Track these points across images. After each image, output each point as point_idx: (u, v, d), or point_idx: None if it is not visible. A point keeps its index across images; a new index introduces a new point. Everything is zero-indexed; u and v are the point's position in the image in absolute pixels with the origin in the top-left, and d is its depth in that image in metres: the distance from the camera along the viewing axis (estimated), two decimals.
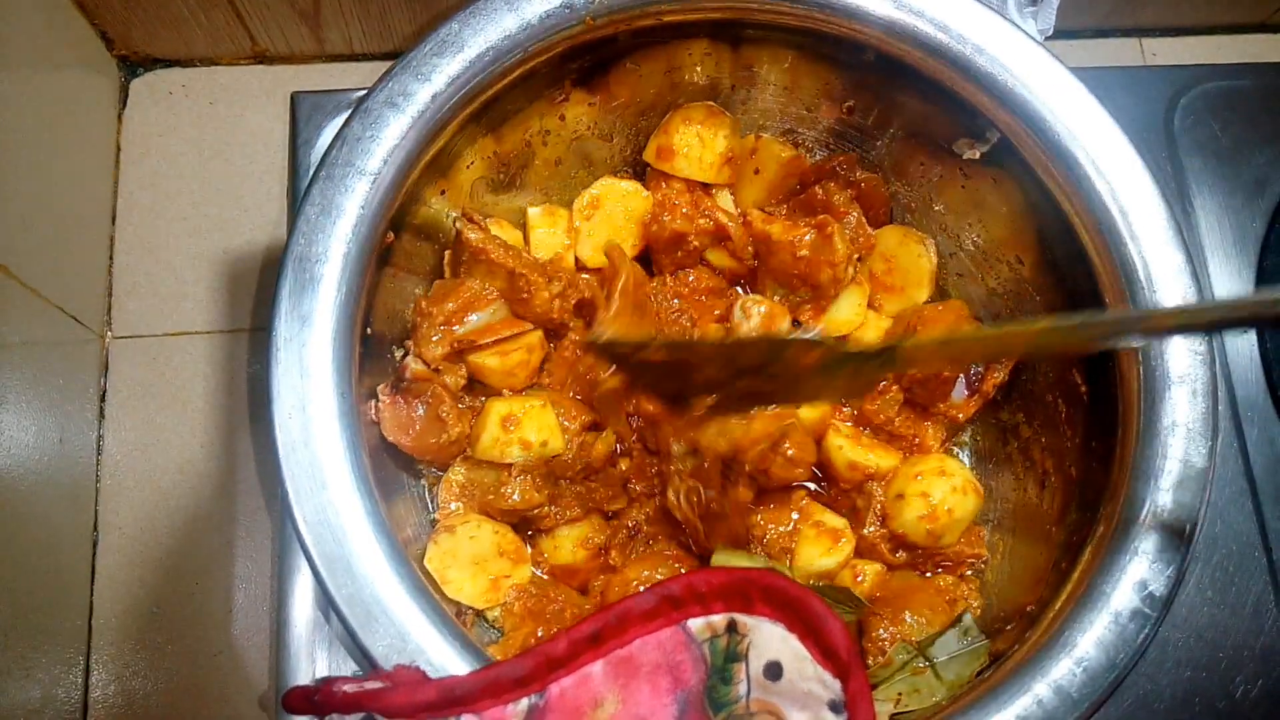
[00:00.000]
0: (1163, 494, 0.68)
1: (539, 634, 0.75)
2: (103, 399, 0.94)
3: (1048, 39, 0.93)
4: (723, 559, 0.78)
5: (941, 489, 0.81)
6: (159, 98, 1.02)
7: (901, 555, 0.83)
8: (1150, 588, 0.66)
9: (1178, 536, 0.67)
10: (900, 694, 0.74)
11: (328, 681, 0.60)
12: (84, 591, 0.88)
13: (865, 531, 0.83)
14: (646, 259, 0.91)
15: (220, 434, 0.93)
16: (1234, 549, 0.88)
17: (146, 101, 1.02)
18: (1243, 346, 0.94)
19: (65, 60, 0.93)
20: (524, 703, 0.58)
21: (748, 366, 0.69)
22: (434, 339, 0.79)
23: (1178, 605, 0.87)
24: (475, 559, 0.77)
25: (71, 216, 0.92)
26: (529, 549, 0.82)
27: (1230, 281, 0.95)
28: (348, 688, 0.60)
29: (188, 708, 0.86)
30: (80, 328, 0.91)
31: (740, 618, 0.57)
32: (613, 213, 0.88)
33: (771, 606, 0.57)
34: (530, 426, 0.78)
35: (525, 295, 0.81)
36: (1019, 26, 0.76)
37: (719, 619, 0.57)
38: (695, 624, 0.57)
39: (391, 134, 0.71)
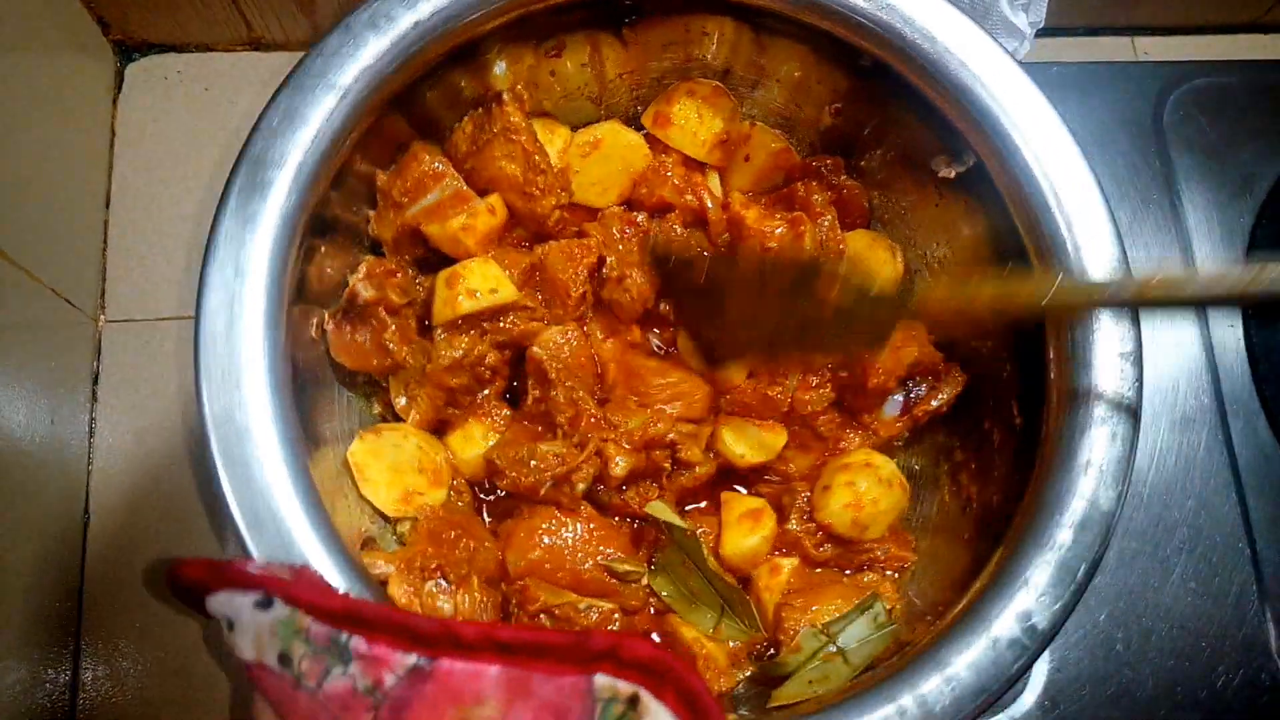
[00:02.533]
0: (1064, 530, 0.67)
1: (427, 552, 0.75)
2: (95, 382, 0.94)
3: (1039, 33, 0.94)
4: (655, 510, 0.80)
5: (867, 480, 0.81)
6: (154, 83, 1.02)
7: (826, 549, 0.83)
8: (1033, 619, 0.65)
9: (1070, 575, 0.66)
10: (812, 682, 0.74)
11: (233, 559, 0.60)
12: (74, 573, 0.88)
13: (790, 526, 0.83)
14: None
15: None
16: (1217, 540, 0.89)
17: (142, 86, 1.02)
18: (1229, 340, 0.95)
19: (61, 44, 0.94)
20: (411, 658, 0.57)
21: (778, 291, 0.72)
22: (389, 218, 0.81)
23: (1162, 595, 0.88)
24: (395, 466, 0.77)
25: (66, 200, 0.92)
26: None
27: None
28: (251, 568, 0.59)
29: (176, 689, 0.87)
30: (73, 311, 0.91)
31: (646, 696, 0.56)
32: (610, 158, 0.88)
33: (680, 702, 0.56)
34: (473, 277, 0.79)
35: (534, 192, 0.82)
36: (1002, 41, 0.77)
37: (625, 687, 0.56)
38: (601, 680, 0.56)
39: (368, 54, 0.71)
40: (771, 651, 0.80)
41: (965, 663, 0.64)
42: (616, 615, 0.77)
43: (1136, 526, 0.90)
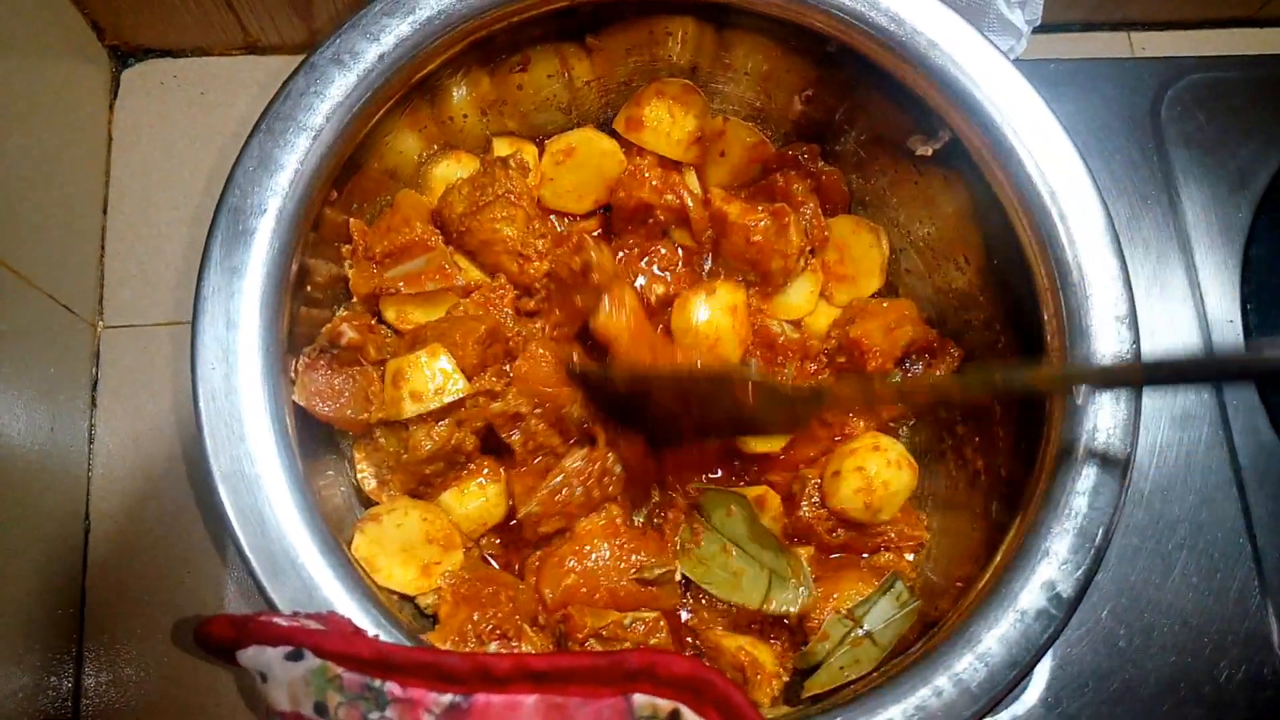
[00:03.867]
0: (1078, 497, 0.68)
1: (474, 618, 0.75)
2: (94, 388, 0.93)
3: (1035, 29, 0.94)
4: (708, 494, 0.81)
5: (876, 463, 0.81)
6: (150, 88, 1.02)
7: (840, 534, 0.83)
8: (1058, 589, 0.67)
9: (1089, 540, 0.68)
10: (843, 668, 0.75)
11: (258, 613, 0.60)
12: (75, 580, 0.88)
13: (801, 513, 0.83)
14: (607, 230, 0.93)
15: None
16: (1219, 536, 0.89)
17: (138, 91, 1.02)
18: (1229, 336, 0.95)
19: (57, 50, 0.93)
20: (447, 697, 0.57)
21: (698, 397, 0.76)
22: (367, 272, 0.80)
23: (1163, 591, 0.88)
24: (404, 546, 0.77)
25: (63, 206, 0.92)
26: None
27: (1217, 272, 0.96)
28: (279, 620, 0.59)
29: (178, 695, 0.87)
30: (72, 316, 0.91)
31: (687, 713, 0.56)
32: (584, 165, 0.88)
33: (721, 716, 0.56)
34: (418, 377, 0.76)
35: (530, 255, 0.82)
36: (998, 39, 0.77)
37: (665, 704, 0.56)
38: (640, 699, 0.57)
39: (336, 91, 0.72)
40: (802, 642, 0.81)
41: (995, 638, 0.65)
42: (662, 623, 0.77)
43: (1137, 523, 0.90)
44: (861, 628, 0.77)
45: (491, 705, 0.56)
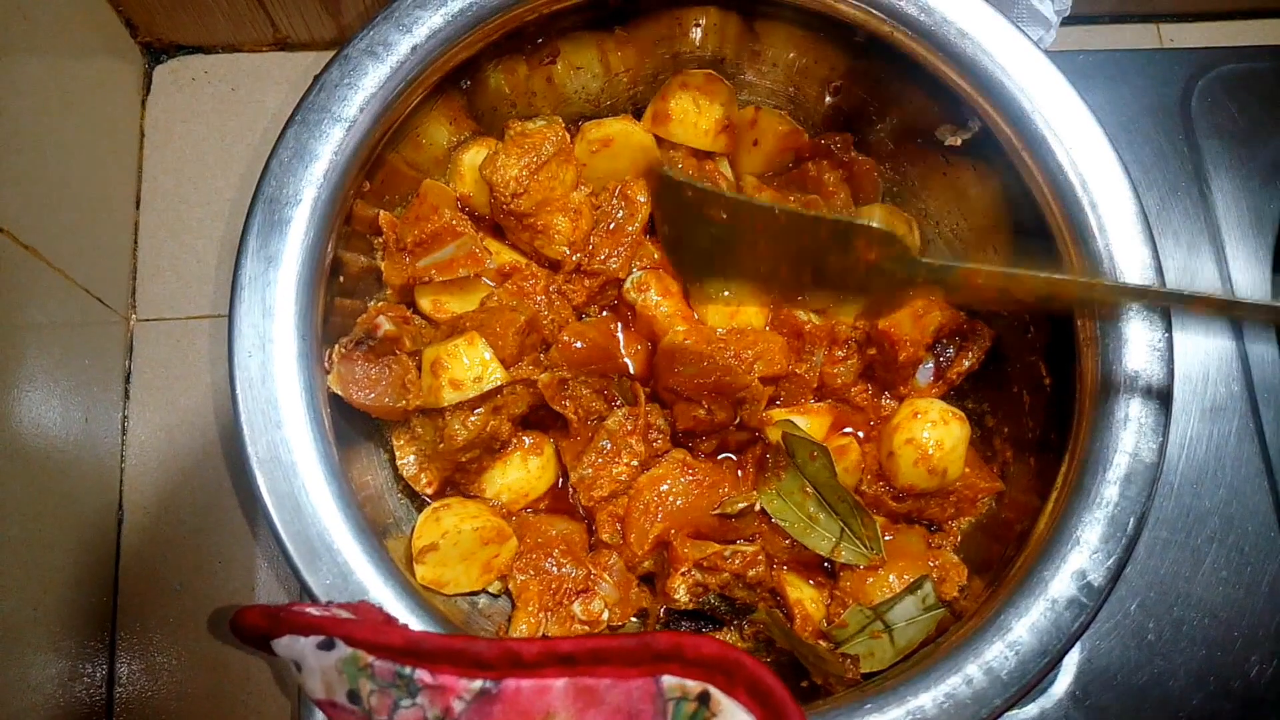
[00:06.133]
0: (1109, 487, 0.68)
1: (552, 589, 0.78)
2: (127, 380, 0.95)
3: (1064, 21, 0.93)
4: (789, 428, 0.80)
5: (922, 428, 0.80)
6: (182, 84, 1.03)
7: (907, 502, 0.83)
8: (1089, 578, 0.66)
9: (1120, 529, 0.67)
10: (858, 656, 0.75)
11: (291, 604, 0.61)
12: (109, 570, 0.89)
13: (863, 489, 0.83)
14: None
15: None
16: (1249, 529, 0.89)
17: (170, 87, 1.03)
18: (1261, 333, 0.94)
19: (90, 47, 0.95)
20: (477, 683, 0.57)
21: (807, 248, 0.67)
22: (399, 264, 0.81)
23: (1193, 585, 0.88)
24: (463, 556, 0.78)
25: (97, 201, 0.93)
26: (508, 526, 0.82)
27: (1248, 263, 0.95)
28: (312, 610, 0.60)
29: (210, 684, 0.88)
30: (106, 310, 0.92)
31: (716, 693, 0.56)
32: (619, 155, 0.88)
33: (752, 698, 0.56)
34: (457, 365, 0.76)
35: (579, 211, 0.83)
36: (1027, 30, 0.76)
37: (694, 685, 0.56)
38: (669, 680, 0.57)
39: (370, 83, 0.72)
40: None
41: (1026, 626, 0.66)
42: (761, 557, 0.78)
43: (1167, 516, 0.90)
44: (881, 622, 0.77)
45: (521, 689, 0.57)
